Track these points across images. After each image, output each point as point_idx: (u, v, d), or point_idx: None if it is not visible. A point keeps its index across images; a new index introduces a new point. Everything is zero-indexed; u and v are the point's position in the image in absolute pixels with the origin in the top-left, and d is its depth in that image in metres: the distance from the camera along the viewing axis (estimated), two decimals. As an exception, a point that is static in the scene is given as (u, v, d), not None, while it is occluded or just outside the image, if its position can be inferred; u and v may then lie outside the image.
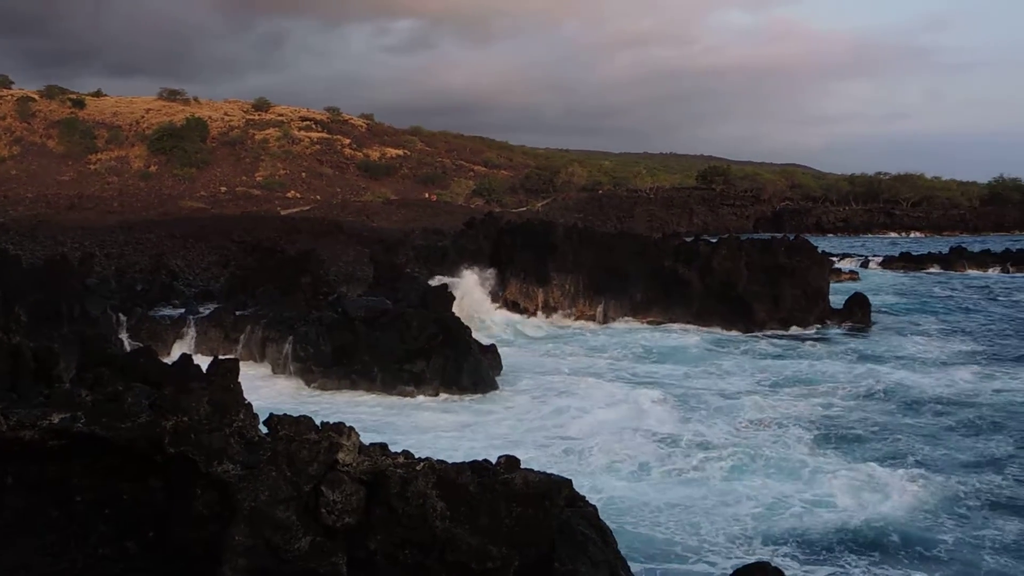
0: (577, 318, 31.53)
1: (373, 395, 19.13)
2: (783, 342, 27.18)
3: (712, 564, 10.39)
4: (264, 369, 20.72)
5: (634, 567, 9.86)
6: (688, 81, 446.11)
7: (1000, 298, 40.27)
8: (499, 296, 31.74)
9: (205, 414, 7.36)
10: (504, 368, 21.38)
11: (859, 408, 18.01)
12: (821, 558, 10.63)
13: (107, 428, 7.04)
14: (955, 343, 26.50)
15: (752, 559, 9.86)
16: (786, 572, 8.03)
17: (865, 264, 58.64)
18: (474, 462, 7.96)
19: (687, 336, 28.35)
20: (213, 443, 7.18)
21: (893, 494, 12.66)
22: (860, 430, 16.21)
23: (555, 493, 7.50)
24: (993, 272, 53.34)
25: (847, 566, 10.44)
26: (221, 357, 10.65)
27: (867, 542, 11.07)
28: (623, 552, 8.24)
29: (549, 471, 8.26)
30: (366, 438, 8.11)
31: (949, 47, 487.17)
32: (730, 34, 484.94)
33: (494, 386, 19.56)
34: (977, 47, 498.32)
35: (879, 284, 45.71)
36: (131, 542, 6.92)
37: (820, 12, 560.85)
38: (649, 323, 30.66)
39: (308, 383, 19.91)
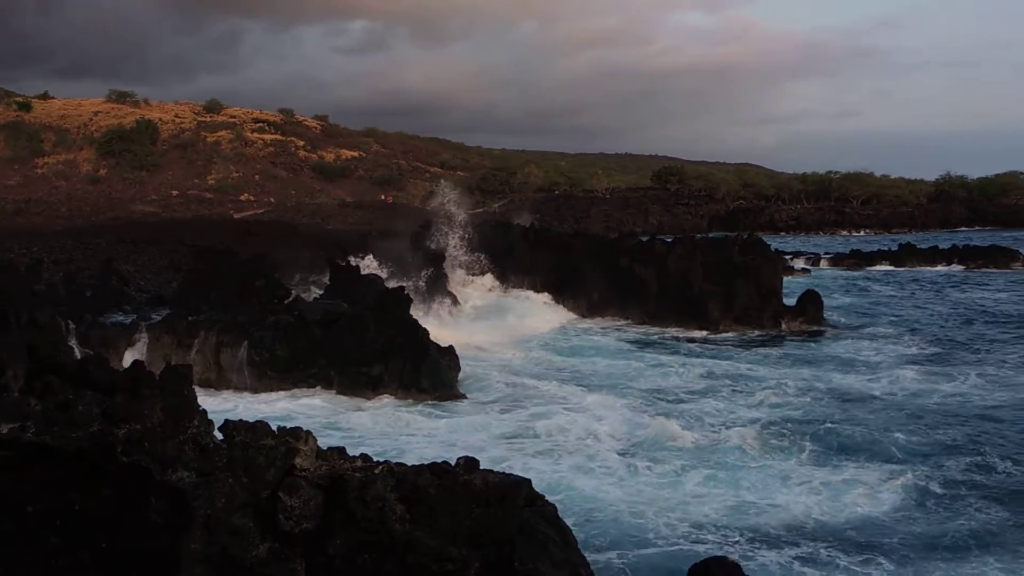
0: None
1: (331, 399, 18.98)
2: (736, 341, 27.50)
3: (674, 558, 10.50)
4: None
5: (599, 556, 10.03)
6: (644, 81, 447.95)
7: (947, 293, 41.27)
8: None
9: (158, 422, 7.26)
10: (463, 369, 21.39)
11: (811, 407, 18.20)
12: (780, 551, 10.79)
13: (58, 438, 6.91)
14: (903, 340, 27.01)
15: (712, 552, 9.99)
16: (746, 565, 8.16)
17: (816, 262, 59.69)
18: (433, 464, 7.96)
19: (643, 336, 28.61)
20: (167, 451, 7.09)
21: (852, 489, 12.91)
22: (814, 428, 16.37)
23: (515, 493, 7.52)
24: (941, 268, 54.69)
25: (807, 559, 10.61)
26: (174, 363, 10.50)
27: (827, 535, 11.28)
28: (592, 540, 8.29)
29: (512, 471, 8.29)
30: (324, 443, 8.07)
31: (898, 47, 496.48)
32: (687, 34, 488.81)
33: (453, 388, 19.52)
34: (925, 47, 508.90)
35: (830, 281, 46.52)
36: (85, 553, 6.80)
37: (774, 12, 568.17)
38: (606, 322, 30.84)
39: (264, 388, 19.70)
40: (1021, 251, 57.29)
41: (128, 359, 18.68)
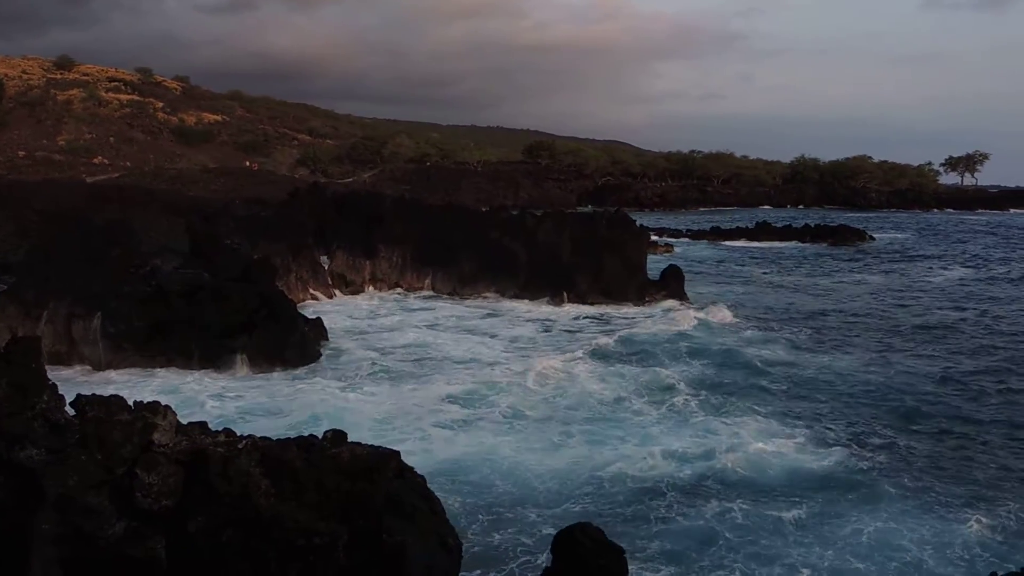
0: (405, 290, 31.57)
1: (192, 372, 18.37)
2: (614, 312, 28.17)
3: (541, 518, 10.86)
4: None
5: (475, 521, 10.30)
6: (517, 55, 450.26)
7: (801, 267, 43.72)
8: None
9: (4, 397, 6.90)
10: (331, 340, 21.17)
11: (686, 373, 18.99)
12: (644, 502, 11.60)
13: None
14: (758, 312, 28.48)
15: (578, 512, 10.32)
16: (608, 518, 8.48)
17: (679, 237, 61.93)
18: (300, 437, 7.87)
19: (513, 308, 28.99)
20: (13, 428, 6.75)
21: (744, 445, 13.89)
22: (693, 391, 17.26)
23: (383, 465, 7.52)
24: (793, 243, 58.16)
25: (716, 506, 11.56)
26: (21, 335, 9.95)
27: (728, 484, 12.30)
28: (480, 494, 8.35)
29: (379, 442, 8.28)
30: (185, 418, 7.84)
31: (759, 33, 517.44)
32: (560, 10, 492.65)
33: (320, 359, 19.27)
34: (784, 35, 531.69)
35: (692, 256, 48.25)
36: (-80, 537, 6.40)
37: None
38: (475, 294, 31.01)
39: (120, 361, 18.89)
40: (869, 231, 61.61)
41: (-31, 331, 17.54)
